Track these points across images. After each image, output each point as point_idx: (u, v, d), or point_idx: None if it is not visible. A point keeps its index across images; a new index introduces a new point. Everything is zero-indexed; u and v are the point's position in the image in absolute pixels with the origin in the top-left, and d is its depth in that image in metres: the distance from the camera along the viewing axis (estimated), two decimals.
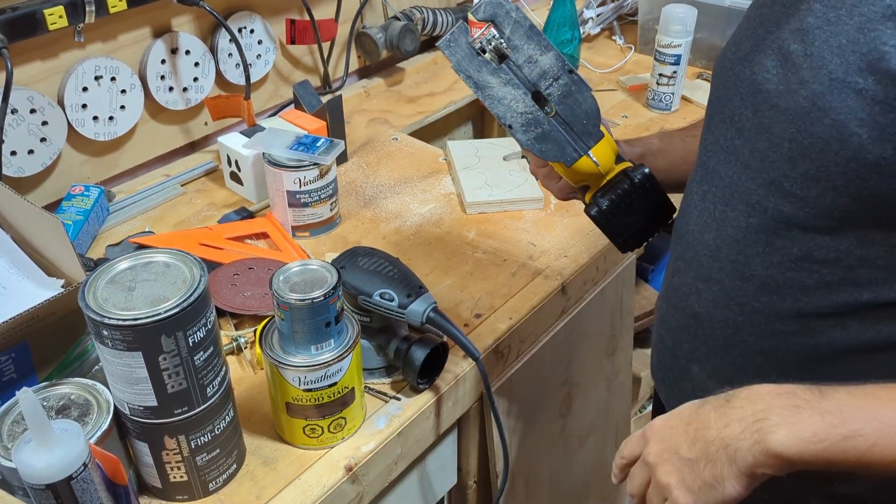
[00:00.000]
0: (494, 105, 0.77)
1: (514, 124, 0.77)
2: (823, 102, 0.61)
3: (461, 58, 0.75)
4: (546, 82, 0.76)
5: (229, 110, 1.32)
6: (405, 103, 1.55)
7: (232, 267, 1.05)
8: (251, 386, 0.91)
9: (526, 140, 0.77)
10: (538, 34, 0.75)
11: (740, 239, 0.72)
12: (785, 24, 0.68)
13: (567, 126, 0.77)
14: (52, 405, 0.71)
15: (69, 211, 1.12)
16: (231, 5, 1.32)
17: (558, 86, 0.76)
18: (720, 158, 0.74)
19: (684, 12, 1.44)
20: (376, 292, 0.84)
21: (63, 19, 1.08)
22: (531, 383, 1.10)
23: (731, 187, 0.72)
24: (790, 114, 0.65)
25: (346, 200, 1.24)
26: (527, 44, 0.75)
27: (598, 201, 0.83)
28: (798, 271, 0.68)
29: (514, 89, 0.76)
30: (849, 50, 0.60)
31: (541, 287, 1.06)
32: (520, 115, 0.77)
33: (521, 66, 0.75)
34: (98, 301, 0.66)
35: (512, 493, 1.14)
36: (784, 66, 0.66)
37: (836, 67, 0.61)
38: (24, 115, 1.11)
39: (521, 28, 0.75)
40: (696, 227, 0.77)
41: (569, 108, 0.77)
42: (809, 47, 0.63)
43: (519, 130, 0.77)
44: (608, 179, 0.83)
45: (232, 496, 0.78)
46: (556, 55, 0.76)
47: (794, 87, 0.64)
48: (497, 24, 0.74)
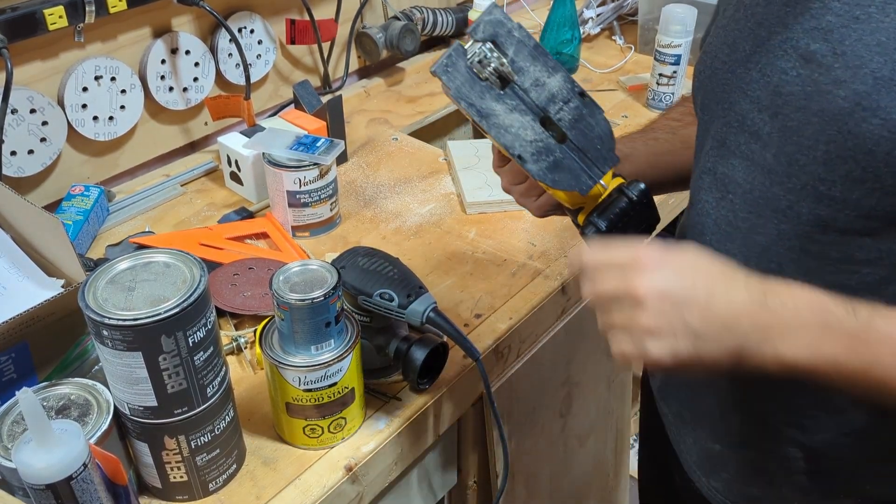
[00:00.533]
0: (501, 135, 0.70)
1: (524, 154, 0.70)
2: (869, 102, 0.59)
3: (460, 84, 0.68)
4: (556, 106, 0.69)
5: (229, 110, 1.32)
6: (405, 103, 1.55)
7: (232, 267, 1.05)
8: (251, 386, 0.91)
9: (538, 170, 0.71)
10: (544, 53, 0.69)
11: (770, 246, 0.69)
12: (794, 23, 0.66)
13: (580, 152, 0.71)
14: (52, 405, 0.71)
15: (69, 211, 1.12)
16: (231, 5, 1.32)
17: (569, 109, 0.70)
18: (734, 164, 0.71)
19: (684, 12, 1.44)
20: (376, 292, 0.84)
21: (63, 19, 1.08)
22: (531, 383, 1.10)
23: (752, 194, 0.69)
24: (825, 115, 0.62)
25: (346, 200, 1.24)
26: (533, 65, 0.68)
27: (596, 222, 0.76)
28: (837, 274, 0.66)
29: (522, 116, 0.69)
30: (892, 48, 0.59)
31: (541, 287, 1.06)
32: (529, 144, 0.70)
33: (528, 89, 0.69)
34: (98, 301, 0.66)
35: (512, 493, 1.14)
36: (806, 66, 0.64)
37: (880, 66, 0.59)
38: (24, 115, 1.11)
39: (526, 48, 0.68)
40: (714, 236, 0.74)
41: (581, 132, 0.70)
42: (838, 46, 0.61)
43: (529, 161, 0.70)
44: (603, 198, 0.76)
45: (232, 496, 0.78)
46: (564, 76, 0.70)
47: (827, 87, 0.62)
48: (499, 45, 0.68)
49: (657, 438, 0.95)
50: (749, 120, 0.69)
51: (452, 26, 1.66)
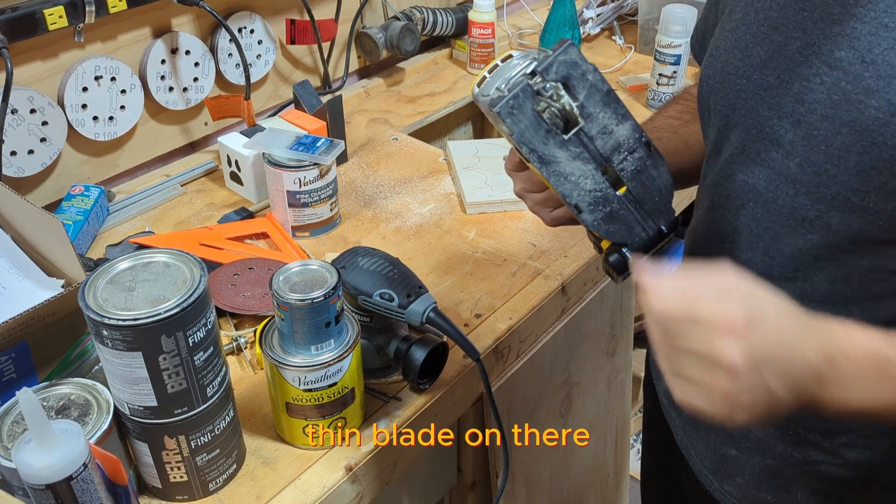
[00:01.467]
0: (560, 183, 0.65)
1: (581, 204, 0.66)
2: None
3: (525, 128, 0.63)
4: (620, 156, 0.65)
5: (229, 110, 1.32)
6: (405, 103, 1.55)
7: (232, 267, 1.05)
8: (251, 386, 0.91)
9: (593, 220, 0.67)
10: (616, 100, 0.65)
11: (797, 256, 0.68)
12: (813, 28, 0.64)
13: (637, 204, 0.67)
14: (52, 405, 0.71)
15: (69, 211, 1.12)
16: (231, 5, 1.32)
17: (633, 160, 0.66)
18: (755, 173, 0.69)
19: (684, 12, 1.43)
20: (376, 292, 0.84)
21: (63, 19, 1.08)
22: (531, 383, 1.10)
23: (776, 203, 0.68)
24: (857, 126, 0.60)
25: (346, 200, 1.24)
26: (603, 111, 0.64)
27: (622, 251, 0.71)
28: (866, 283, 0.65)
29: (584, 164, 0.65)
30: None
31: (541, 287, 1.06)
32: (588, 194, 0.66)
33: (594, 137, 0.65)
34: (98, 301, 0.66)
35: (512, 493, 1.14)
36: (832, 74, 0.62)
37: None
38: (24, 115, 1.11)
39: (598, 93, 0.64)
40: (734, 244, 0.73)
41: (641, 184, 0.67)
42: (867, 54, 0.60)
43: (586, 210, 0.66)
44: None
45: (232, 496, 0.78)
46: (633, 125, 0.66)
47: (858, 97, 0.60)
48: (570, 87, 0.63)
49: (663, 441, 0.95)
50: (768, 127, 0.67)
51: (452, 26, 1.65)
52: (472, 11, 1.61)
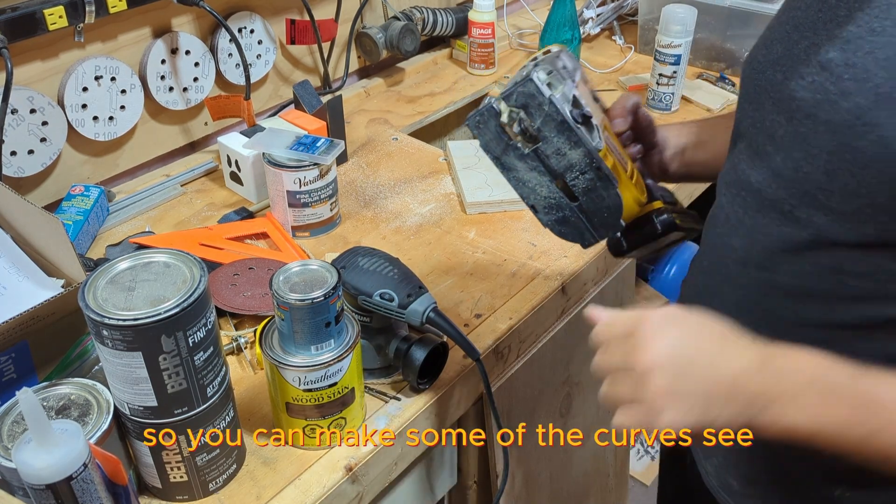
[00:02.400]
0: (519, 186, 0.76)
1: (537, 205, 0.77)
2: (869, 117, 0.59)
3: (489, 139, 0.74)
4: (572, 174, 0.74)
5: (229, 110, 1.32)
6: (405, 103, 1.55)
7: (232, 267, 1.05)
8: (251, 386, 0.91)
9: (546, 220, 0.78)
10: (569, 129, 0.72)
11: (770, 246, 0.70)
12: (822, 29, 0.65)
13: (587, 215, 0.76)
14: (52, 405, 0.71)
15: (69, 211, 1.12)
16: (231, 5, 1.32)
17: (584, 179, 0.74)
18: (753, 163, 0.72)
19: (684, 12, 1.43)
20: (376, 292, 0.84)
21: (63, 19, 1.08)
22: (531, 383, 1.10)
23: (761, 194, 0.70)
24: (830, 126, 0.62)
25: (346, 200, 1.24)
26: (557, 137, 0.72)
27: (620, 240, 0.85)
28: (828, 282, 0.66)
29: (541, 175, 0.75)
30: None
31: (541, 287, 1.06)
32: (543, 199, 0.76)
33: (549, 155, 0.73)
34: (98, 301, 0.66)
35: (512, 493, 1.14)
36: (821, 74, 0.63)
37: (882, 81, 0.58)
38: (24, 115, 1.11)
39: (553, 122, 0.72)
40: (724, 230, 0.75)
41: (591, 200, 0.75)
42: (851, 57, 0.61)
43: (541, 211, 0.77)
44: (634, 218, 0.83)
45: (232, 496, 0.78)
46: (585, 152, 0.73)
47: (835, 98, 0.61)
48: (529, 113, 0.72)
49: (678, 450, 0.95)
50: (769, 121, 0.69)
51: (452, 26, 1.66)
52: (472, 11, 1.61)
